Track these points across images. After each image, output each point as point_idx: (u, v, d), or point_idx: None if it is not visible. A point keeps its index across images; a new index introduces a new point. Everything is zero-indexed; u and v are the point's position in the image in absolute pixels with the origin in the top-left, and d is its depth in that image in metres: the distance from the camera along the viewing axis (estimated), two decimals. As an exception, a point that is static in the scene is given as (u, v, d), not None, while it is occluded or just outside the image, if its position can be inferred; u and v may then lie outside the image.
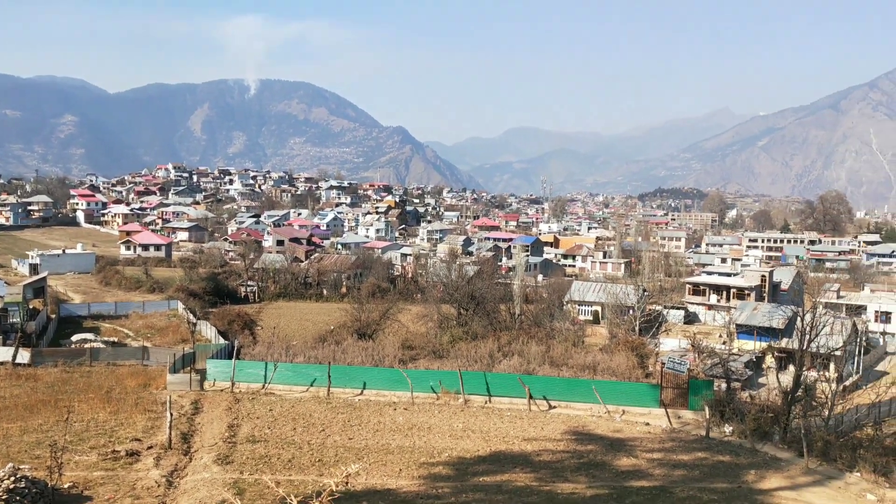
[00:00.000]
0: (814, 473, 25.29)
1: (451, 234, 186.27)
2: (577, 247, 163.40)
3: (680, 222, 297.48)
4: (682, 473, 24.62)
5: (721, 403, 32.27)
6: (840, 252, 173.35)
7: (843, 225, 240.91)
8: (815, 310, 37.66)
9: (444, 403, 33.43)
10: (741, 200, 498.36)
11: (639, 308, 67.47)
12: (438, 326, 53.61)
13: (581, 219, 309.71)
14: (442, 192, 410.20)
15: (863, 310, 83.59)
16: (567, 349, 43.07)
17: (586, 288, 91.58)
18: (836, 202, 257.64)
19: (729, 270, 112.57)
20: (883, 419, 42.08)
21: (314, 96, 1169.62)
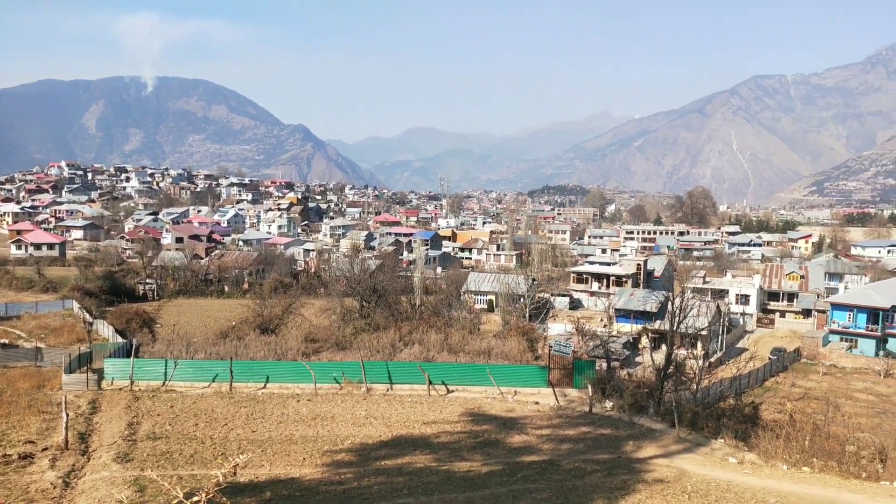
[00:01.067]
0: (684, 442, 27.37)
1: (354, 229, 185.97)
2: (473, 240, 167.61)
3: (565, 217, 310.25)
4: (569, 447, 26.30)
5: (602, 381, 34.79)
6: (706, 242, 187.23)
7: (708, 217, 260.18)
8: (683, 294, 41.40)
9: (348, 393, 34.13)
10: (619, 196, 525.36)
11: (529, 296, 70.70)
12: (341, 319, 54.10)
13: (476, 214, 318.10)
14: (344, 189, 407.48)
15: (725, 293, 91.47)
16: (464, 336, 44.80)
17: (482, 279, 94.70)
18: (702, 197, 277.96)
19: (609, 260, 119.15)
20: (743, 391, 46.77)
21: (213, 94, 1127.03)
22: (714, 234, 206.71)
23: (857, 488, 20.72)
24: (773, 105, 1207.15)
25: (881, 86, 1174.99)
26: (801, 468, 23.22)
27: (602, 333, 54.14)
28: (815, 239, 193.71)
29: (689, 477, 21.84)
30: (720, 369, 50.96)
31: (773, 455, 24.33)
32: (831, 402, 38.94)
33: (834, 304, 77.45)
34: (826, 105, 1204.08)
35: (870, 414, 46.19)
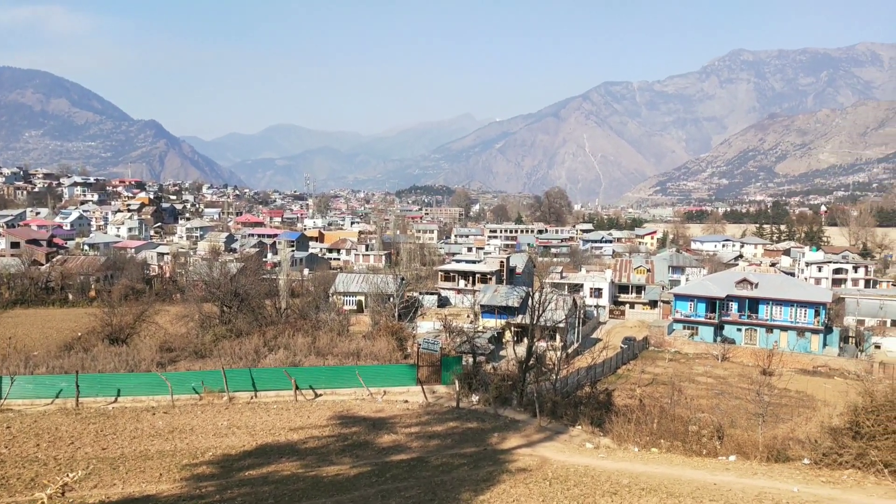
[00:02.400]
0: (545, 430, 28.50)
1: (213, 231, 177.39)
2: (341, 241, 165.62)
3: (433, 216, 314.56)
4: (437, 443, 26.65)
5: (469, 376, 35.60)
6: (562, 239, 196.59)
7: (564, 216, 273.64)
8: (542, 289, 43.32)
9: (208, 403, 32.59)
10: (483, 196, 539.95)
11: (398, 295, 70.97)
12: (200, 326, 51.50)
13: (344, 214, 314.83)
14: (201, 189, 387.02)
15: (580, 287, 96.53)
16: (332, 339, 44.22)
17: (350, 279, 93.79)
18: (559, 197, 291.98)
19: (474, 258, 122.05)
20: (598, 379, 49.62)
21: (53, 86, 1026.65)
22: (570, 231, 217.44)
23: (699, 464, 22.61)
24: (621, 110, 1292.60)
25: (715, 93, 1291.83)
26: (650, 449, 24.97)
27: (468, 329, 55.41)
28: (659, 235, 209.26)
29: (550, 464, 22.84)
30: (577, 359, 53.78)
31: (625, 438, 25.97)
32: (676, 387, 42.25)
33: (677, 295, 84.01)
34: (668, 111, 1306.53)
35: (709, 395, 50.55)
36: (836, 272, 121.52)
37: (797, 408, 43.00)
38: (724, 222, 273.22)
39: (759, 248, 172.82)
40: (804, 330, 75.98)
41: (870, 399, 21.09)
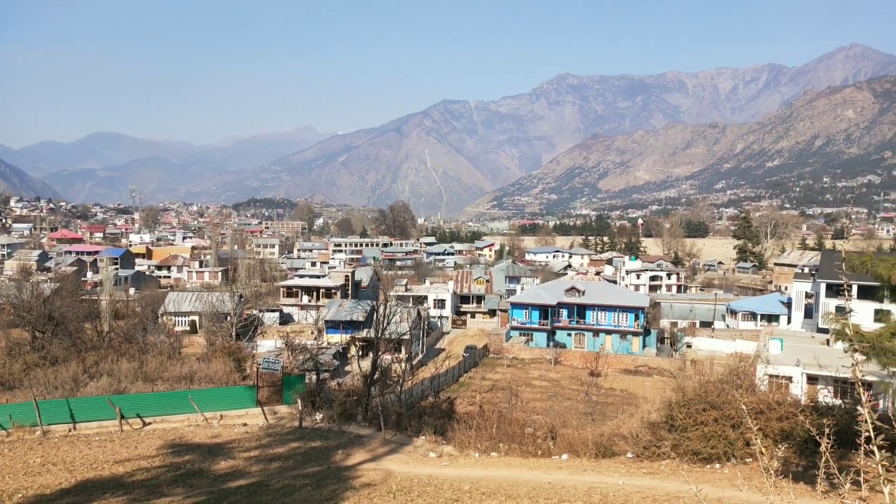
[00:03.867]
0: (390, 443, 28.59)
1: (23, 248, 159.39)
2: (172, 257, 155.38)
3: (273, 230, 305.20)
4: (279, 465, 25.79)
5: (312, 394, 34.85)
6: (407, 252, 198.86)
7: (408, 230, 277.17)
8: (387, 302, 43.48)
9: (17, 439, 29.16)
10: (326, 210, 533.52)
11: (235, 314, 67.93)
12: (7, 354, 46.03)
13: (176, 229, 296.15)
14: (9, 202, 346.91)
15: (424, 299, 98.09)
16: (162, 362, 41.36)
17: (182, 298, 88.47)
18: (403, 211, 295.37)
19: (318, 273, 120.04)
20: (441, 388, 50.57)
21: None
22: (414, 245, 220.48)
23: (535, 465, 23.69)
24: (459, 127, 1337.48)
25: (544, 114, 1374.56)
26: (490, 454, 25.80)
27: (312, 346, 54.27)
28: (497, 247, 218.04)
29: (395, 476, 22.87)
30: (422, 370, 54.46)
31: (467, 445, 26.63)
32: (513, 391, 44.07)
33: (513, 304, 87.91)
34: (502, 129, 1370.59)
35: (544, 398, 53.25)
36: (653, 279, 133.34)
37: (622, 405, 46.42)
38: (555, 235, 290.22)
39: (586, 258, 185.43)
40: (626, 333, 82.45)
41: (682, 394, 23.28)
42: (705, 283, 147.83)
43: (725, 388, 22.81)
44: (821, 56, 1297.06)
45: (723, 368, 28.63)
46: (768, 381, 41.24)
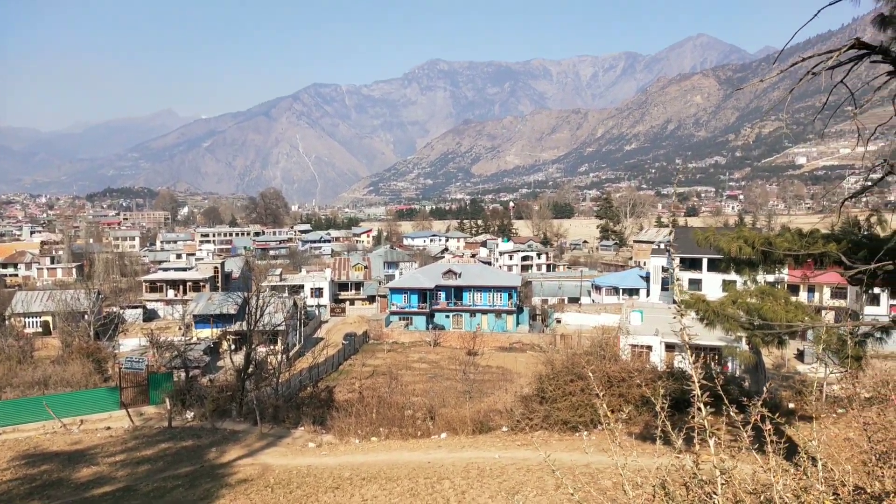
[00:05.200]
0: (267, 437, 27.97)
1: None
2: (18, 254, 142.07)
3: (133, 222, 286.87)
4: (147, 468, 24.58)
5: (182, 392, 33.38)
6: (280, 241, 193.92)
7: (281, 218, 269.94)
8: (260, 293, 42.24)
9: None
10: (192, 198, 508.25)
11: (93, 312, 63.46)
12: None
13: (22, 222, 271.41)
14: None
15: (301, 288, 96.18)
16: (11, 368, 37.99)
17: (32, 298, 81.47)
18: (275, 198, 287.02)
19: (185, 265, 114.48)
20: (320, 377, 49.97)
21: None
22: (288, 233, 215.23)
23: (415, 446, 24.02)
24: (331, 112, 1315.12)
25: (417, 99, 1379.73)
26: (370, 439, 25.87)
27: (179, 342, 51.78)
28: (374, 233, 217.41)
29: (273, 470, 22.42)
30: (300, 361, 53.52)
31: (347, 432, 26.55)
32: (393, 375, 44.34)
33: (392, 289, 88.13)
34: (376, 114, 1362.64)
35: (424, 380, 53.93)
36: (524, 259, 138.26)
37: (498, 382, 47.93)
38: (431, 219, 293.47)
39: (462, 241, 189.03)
40: (501, 312, 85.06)
41: (551, 368, 24.40)
42: (572, 262, 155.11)
43: (590, 359, 24.14)
44: (672, 45, 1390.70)
45: (588, 341, 30.27)
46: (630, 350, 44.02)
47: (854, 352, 12.76)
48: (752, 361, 19.84)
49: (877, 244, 12.84)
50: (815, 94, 27.74)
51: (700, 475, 3.48)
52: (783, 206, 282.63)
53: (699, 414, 3.71)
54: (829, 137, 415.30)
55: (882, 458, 3.80)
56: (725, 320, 13.31)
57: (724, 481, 3.31)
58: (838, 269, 13.12)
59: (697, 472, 3.48)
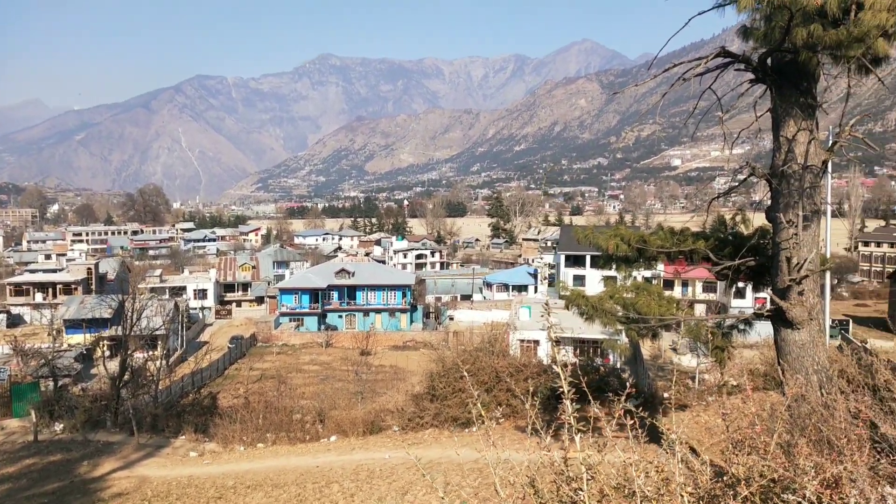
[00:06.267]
0: (145, 447, 26.59)
1: None
2: None
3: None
4: (8, 487, 22.69)
5: (50, 403, 31.05)
6: (161, 240, 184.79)
7: (162, 215, 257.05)
8: (137, 296, 39.94)
9: None
10: (62, 195, 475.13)
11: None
12: None
13: None
14: None
15: (183, 290, 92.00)
16: None
17: None
18: (155, 194, 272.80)
19: (54, 266, 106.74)
20: (204, 383, 47.97)
21: None
22: (169, 231, 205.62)
23: (303, 451, 23.44)
24: (217, 105, 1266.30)
25: (308, 94, 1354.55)
26: (256, 446, 25.02)
27: (47, 350, 48.11)
28: (263, 231, 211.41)
29: (150, 482, 21.24)
30: (182, 366, 51.16)
31: (231, 439, 25.56)
32: (282, 379, 43.22)
33: (282, 290, 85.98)
34: (265, 108, 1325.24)
35: (315, 382, 52.96)
36: (419, 257, 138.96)
37: (391, 381, 47.82)
38: (324, 217, 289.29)
39: (355, 239, 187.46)
40: (395, 310, 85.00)
41: (441, 365, 24.54)
42: (465, 259, 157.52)
43: (480, 355, 24.48)
44: (558, 49, 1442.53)
45: (479, 338, 30.72)
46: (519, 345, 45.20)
47: (720, 343, 13.63)
48: (629, 353, 20.83)
49: (741, 241, 13.75)
50: (690, 99, 30.06)
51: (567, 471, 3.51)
52: (660, 205, 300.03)
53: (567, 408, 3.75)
54: (701, 141, 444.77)
55: (737, 445, 3.98)
56: (603, 315, 13.84)
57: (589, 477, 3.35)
58: (707, 265, 13.94)
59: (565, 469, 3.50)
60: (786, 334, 11.59)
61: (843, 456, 3.56)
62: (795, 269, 11.22)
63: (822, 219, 14.32)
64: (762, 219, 13.16)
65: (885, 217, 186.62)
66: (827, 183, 18.70)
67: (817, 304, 11.79)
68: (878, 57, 10.64)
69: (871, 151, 14.38)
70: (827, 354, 12.05)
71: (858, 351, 14.05)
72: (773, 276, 11.90)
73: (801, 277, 11.25)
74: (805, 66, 11.44)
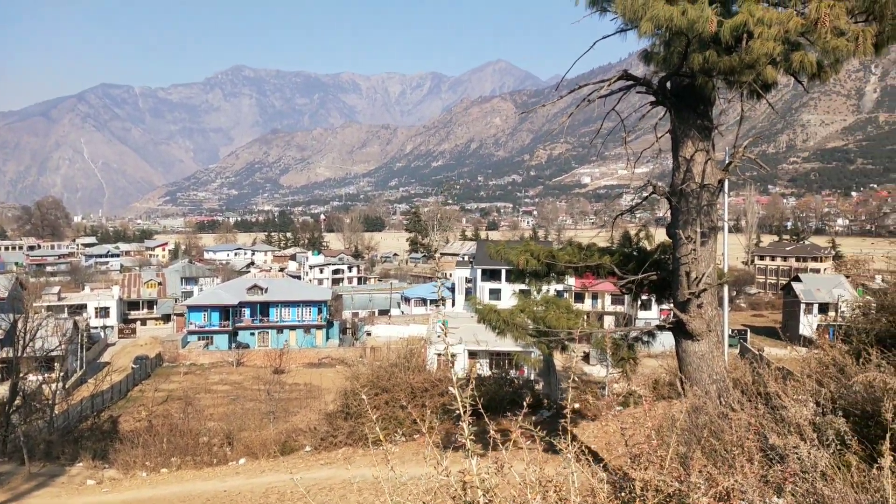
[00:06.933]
0: (38, 477, 25.01)
1: None
2: None
3: None
4: None
5: (-74, 434, 28.57)
6: (60, 255, 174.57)
7: (61, 229, 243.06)
8: (28, 314, 37.42)
9: None
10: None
11: None
12: None
13: None
14: None
15: (84, 308, 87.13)
16: None
17: None
18: (54, 207, 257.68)
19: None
20: (105, 407, 45.41)
21: None
22: (69, 246, 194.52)
23: (210, 475, 22.48)
24: (123, 115, 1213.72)
25: (220, 105, 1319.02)
26: (160, 471, 23.82)
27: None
28: (171, 246, 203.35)
29: (41, 516, 19.85)
30: (80, 389, 48.27)
31: (132, 465, 24.25)
32: (189, 400, 41.45)
33: (190, 307, 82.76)
34: (174, 119, 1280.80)
35: (225, 402, 51.11)
36: (335, 272, 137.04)
37: (305, 399, 46.81)
38: (236, 231, 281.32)
39: (269, 254, 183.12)
40: (310, 327, 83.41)
41: (355, 382, 24.16)
42: (383, 274, 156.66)
43: (395, 371, 24.27)
44: (474, 68, 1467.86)
45: (395, 353, 30.48)
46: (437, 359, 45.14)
47: (626, 354, 14.03)
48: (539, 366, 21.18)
49: (644, 256, 14.24)
50: (598, 119, 31.33)
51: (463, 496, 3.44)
52: (571, 221, 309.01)
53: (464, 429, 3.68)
54: (609, 159, 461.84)
55: (635, 459, 4.02)
56: (515, 329, 13.99)
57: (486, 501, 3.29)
58: (612, 280, 14.35)
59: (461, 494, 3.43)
60: (686, 345, 12.06)
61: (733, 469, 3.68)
62: (694, 282, 11.70)
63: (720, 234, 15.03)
64: (665, 234, 13.70)
65: (779, 232, 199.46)
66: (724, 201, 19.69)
67: (715, 317, 12.34)
68: (767, 83, 11.29)
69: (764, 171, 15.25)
70: (725, 365, 12.61)
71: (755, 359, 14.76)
72: (674, 289, 12.37)
73: (699, 291, 11.74)
74: (701, 90, 12.01)
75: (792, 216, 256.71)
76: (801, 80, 11.81)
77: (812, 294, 78.25)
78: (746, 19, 10.00)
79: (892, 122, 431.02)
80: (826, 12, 9.89)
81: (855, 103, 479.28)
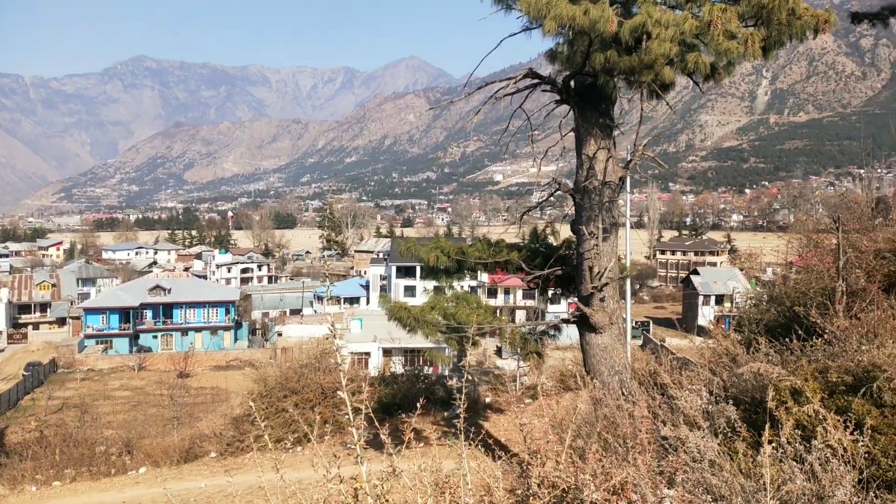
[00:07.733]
0: (-90, 497, 23.19)
1: None
2: None
3: None
4: None
5: None
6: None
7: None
8: None
9: None
10: None
11: None
12: None
13: None
14: None
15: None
16: None
17: None
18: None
19: None
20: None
21: None
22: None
23: (107, 486, 21.29)
24: (11, 106, 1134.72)
25: (119, 97, 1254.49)
26: (52, 485, 22.37)
27: None
28: (66, 246, 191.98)
29: (-88, 541, 18.22)
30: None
31: (20, 480, 22.66)
32: (86, 408, 39.20)
33: (87, 309, 78.33)
34: (69, 111, 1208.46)
35: (125, 409, 48.69)
36: (244, 271, 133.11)
37: (213, 404, 45.19)
38: (137, 230, 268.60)
39: (173, 253, 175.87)
40: (217, 328, 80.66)
41: (264, 384, 23.47)
42: (295, 273, 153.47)
43: (305, 372, 23.75)
44: (387, 64, 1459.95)
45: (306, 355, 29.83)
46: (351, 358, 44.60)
47: (533, 348, 14.25)
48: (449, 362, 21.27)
49: (550, 252, 14.50)
50: (510, 118, 31.86)
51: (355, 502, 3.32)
52: (484, 217, 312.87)
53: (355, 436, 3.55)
54: (520, 157, 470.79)
55: (534, 455, 4.00)
56: (425, 326, 13.95)
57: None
58: (521, 275, 14.54)
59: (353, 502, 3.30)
60: (590, 338, 12.36)
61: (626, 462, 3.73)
62: (597, 277, 12.00)
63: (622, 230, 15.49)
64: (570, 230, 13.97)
65: (679, 228, 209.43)
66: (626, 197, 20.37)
67: (617, 310, 12.70)
68: (665, 83, 11.69)
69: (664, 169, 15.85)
70: (627, 356, 13.01)
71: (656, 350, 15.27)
72: (578, 284, 12.65)
73: (601, 285, 12.05)
74: (604, 90, 12.31)
75: (691, 212, 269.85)
76: (696, 80, 12.32)
77: (709, 286, 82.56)
78: (645, 20, 10.30)
79: (782, 123, 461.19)
80: (719, 15, 10.34)
81: (748, 105, 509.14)
